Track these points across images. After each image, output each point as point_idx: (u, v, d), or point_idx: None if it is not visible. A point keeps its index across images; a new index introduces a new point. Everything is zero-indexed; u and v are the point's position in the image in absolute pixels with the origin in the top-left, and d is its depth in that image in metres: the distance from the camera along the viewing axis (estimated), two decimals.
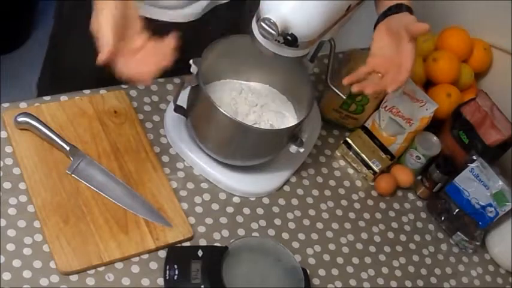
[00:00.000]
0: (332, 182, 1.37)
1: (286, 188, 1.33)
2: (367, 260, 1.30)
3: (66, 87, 1.29)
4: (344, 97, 1.31)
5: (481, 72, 1.59)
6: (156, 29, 1.16)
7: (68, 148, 1.18)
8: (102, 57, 0.98)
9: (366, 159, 1.39)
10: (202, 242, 1.19)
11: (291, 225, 1.28)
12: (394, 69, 1.13)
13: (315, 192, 1.34)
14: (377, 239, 1.33)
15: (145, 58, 1.02)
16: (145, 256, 1.14)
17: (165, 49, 1.02)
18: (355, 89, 1.15)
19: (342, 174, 1.40)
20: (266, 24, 1.04)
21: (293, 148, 1.24)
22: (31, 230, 1.11)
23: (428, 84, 1.51)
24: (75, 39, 1.36)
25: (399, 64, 1.12)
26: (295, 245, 1.26)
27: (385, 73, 1.14)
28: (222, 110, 1.16)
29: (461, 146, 1.40)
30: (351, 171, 1.41)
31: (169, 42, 1.02)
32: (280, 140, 1.24)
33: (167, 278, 1.11)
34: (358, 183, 1.40)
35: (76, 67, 1.40)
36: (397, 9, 1.15)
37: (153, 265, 1.14)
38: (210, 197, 1.25)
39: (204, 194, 1.25)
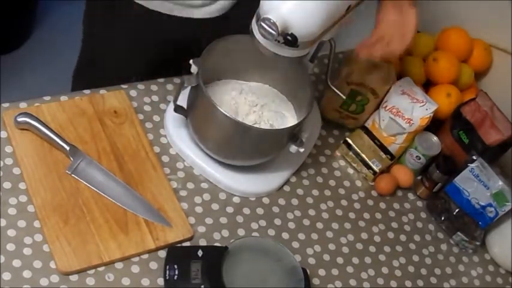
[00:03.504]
0: (332, 182, 1.37)
1: (286, 188, 1.33)
2: (367, 260, 1.30)
3: (103, 80, 1.31)
4: (344, 97, 1.31)
5: (481, 72, 1.58)
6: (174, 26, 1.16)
7: (68, 148, 1.18)
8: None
9: (366, 159, 1.39)
10: (202, 242, 1.19)
11: (291, 225, 1.28)
12: (398, 33, 1.21)
13: (315, 192, 1.34)
14: (377, 239, 1.33)
15: None
16: (145, 256, 1.14)
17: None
18: (363, 52, 1.21)
19: (342, 174, 1.40)
20: (266, 24, 1.04)
21: (293, 148, 1.24)
22: (31, 230, 1.11)
23: (428, 84, 1.51)
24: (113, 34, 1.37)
25: (403, 27, 1.20)
26: (295, 245, 1.26)
27: (391, 38, 1.21)
28: (222, 110, 1.16)
29: (461, 146, 1.40)
30: (351, 171, 1.41)
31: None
32: (280, 140, 1.24)
33: (167, 278, 1.11)
34: (358, 183, 1.40)
35: (114, 59, 1.42)
36: None
37: (153, 265, 1.14)
38: (210, 197, 1.25)
39: (204, 194, 1.25)
